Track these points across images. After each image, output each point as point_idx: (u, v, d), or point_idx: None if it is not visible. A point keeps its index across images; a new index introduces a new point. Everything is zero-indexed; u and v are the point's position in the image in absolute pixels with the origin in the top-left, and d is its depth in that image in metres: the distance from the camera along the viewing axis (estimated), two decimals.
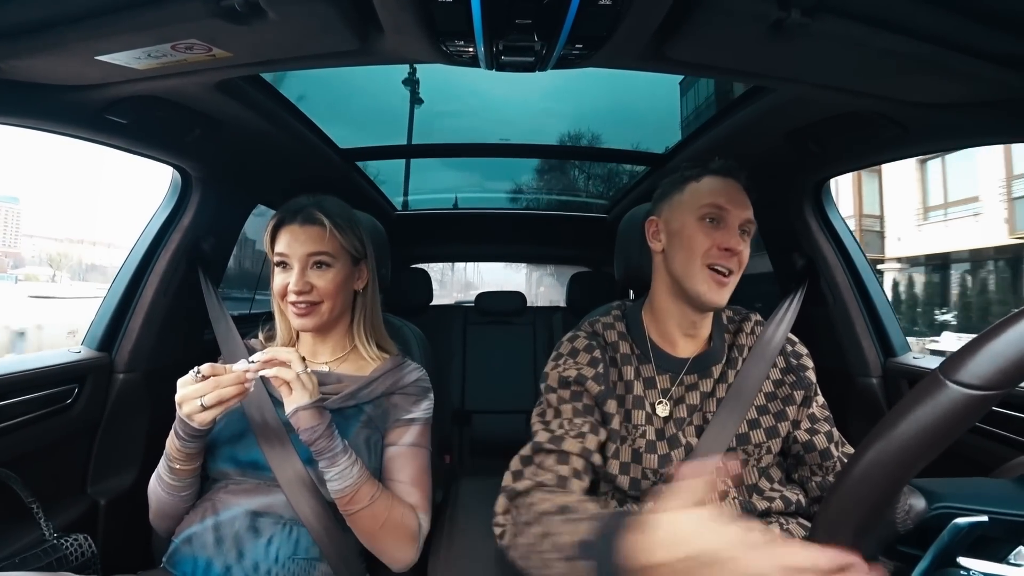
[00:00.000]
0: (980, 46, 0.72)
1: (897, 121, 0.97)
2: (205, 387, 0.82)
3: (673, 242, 0.94)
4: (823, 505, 0.47)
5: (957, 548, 0.46)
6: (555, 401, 0.93)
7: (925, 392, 0.41)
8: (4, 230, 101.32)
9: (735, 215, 0.91)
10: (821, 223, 1.42)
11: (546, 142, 2.09)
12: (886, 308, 1.40)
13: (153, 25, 0.69)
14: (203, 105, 1.03)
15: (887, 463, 0.42)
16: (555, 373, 0.95)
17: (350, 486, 0.87)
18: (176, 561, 0.90)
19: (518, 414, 2.53)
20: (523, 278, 10.41)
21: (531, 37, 0.73)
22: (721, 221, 0.91)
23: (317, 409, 0.86)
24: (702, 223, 0.91)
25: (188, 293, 1.32)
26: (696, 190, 0.94)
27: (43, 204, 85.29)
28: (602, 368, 0.94)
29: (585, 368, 0.93)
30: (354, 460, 0.89)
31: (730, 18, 0.68)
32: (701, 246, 0.90)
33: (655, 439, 0.92)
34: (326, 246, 0.99)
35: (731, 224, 0.91)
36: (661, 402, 0.95)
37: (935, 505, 0.49)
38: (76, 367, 1.18)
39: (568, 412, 0.91)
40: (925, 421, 0.41)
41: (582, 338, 0.99)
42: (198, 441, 0.88)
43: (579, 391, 0.93)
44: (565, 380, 0.94)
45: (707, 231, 0.91)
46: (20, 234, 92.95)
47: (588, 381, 0.92)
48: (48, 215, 78.91)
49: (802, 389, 0.97)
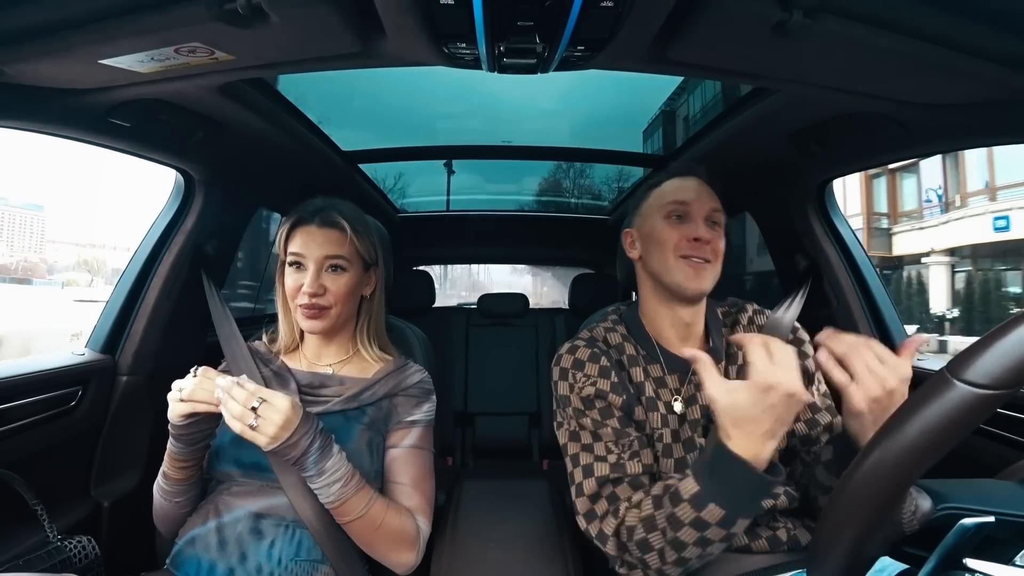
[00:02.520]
0: (983, 46, 0.71)
1: (900, 122, 0.97)
2: (189, 382, 0.84)
3: (647, 246, 0.98)
4: (828, 505, 0.47)
5: (963, 549, 0.46)
6: (590, 424, 0.90)
7: (932, 391, 0.41)
8: (31, 236, 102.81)
9: (698, 207, 0.95)
10: (824, 224, 1.42)
11: (548, 144, 2.09)
12: (890, 310, 1.39)
13: (156, 29, 0.69)
14: (206, 108, 1.03)
15: (893, 463, 0.42)
16: (574, 396, 0.93)
17: (330, 502, 0.87)
18: (180, 563, 0.90)
19: (520, 416, 2.54)
20: (530, 278, 10.48)
21: (533, 39, 0.73)
22: (685, 216, 0.95)
23: (287, 446, 0.83)
24: (669, 220, 0.96)
25: (191, 295, 1.32)
26: (660, 193, 0.99)
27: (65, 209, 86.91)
28: (615, 376, 0.93)
29: (600, 381, 0.92)
30: (333, 480, 0.86)
31: (732, 19, 0.68)
32: (671, 240, 0.94)
33: (671, 441, 0.92)
34: (343, 250, 0.99)
35: (695, 216, 0.94)
36: (676, 399, 0.95)
37: (941, 506, 0.49)
38: (80, 369, 1.18)
39: (609, 434, 0.89)
40: (932, 420, 0.41)
41: (583, 347, 0.97)
42: (188, 447, 0.89)
43: (606, 406, 0.91)
44: (588, 400, 0.92)
45: (674, 226, 0.95)
46: (45, 240, 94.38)
47: (610, 395, 0.91)
48: (71, 221, 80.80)
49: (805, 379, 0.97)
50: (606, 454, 0.87)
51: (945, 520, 0.47)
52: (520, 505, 1.37)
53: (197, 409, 0.84)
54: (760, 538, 0.88)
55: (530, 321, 2.65)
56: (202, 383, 0.84)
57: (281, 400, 0.82)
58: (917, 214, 12.88)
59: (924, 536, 0.48)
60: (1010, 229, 10.96)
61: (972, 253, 12.12)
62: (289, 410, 0.81)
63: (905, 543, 0.50)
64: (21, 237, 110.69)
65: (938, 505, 0.48)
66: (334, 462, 0.87)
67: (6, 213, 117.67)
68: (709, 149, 1.40)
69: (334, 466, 0.86)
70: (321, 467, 0.85)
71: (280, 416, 0.80)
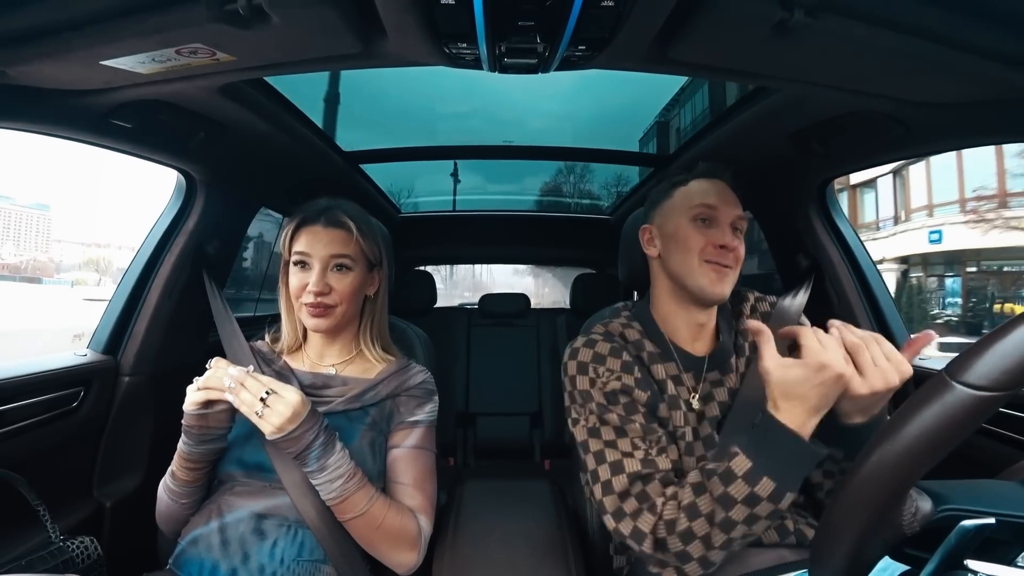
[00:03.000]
0: (984, 45, 0.71)
1: (901, 121, 0.97)
2: (208, 372, 0.86)
3: (669, 245, 0.97)
4: (828, 507, 0.47)
5: (964, 551, 0.45)
6: (616, 420, 0.88)
7: (931, 393, 0.41)
8: (37, 236, 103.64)
9: (725, 213, 0.94)
10: (825, 223, 1.41)
11: (549, 144, 2.09)
12: (891, 309, 1.39)
13: (157, 30, 0.69)
14: (207, 109, 1.03)
15: (893, 465, 0.42)
16: (596, 391, 0.91)
17: (331, 498, 0.87)
18: (182, 563, 0.90)
19: (522, 416, 2.55)
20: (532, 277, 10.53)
21: (533, 39, 0.73)
22: (712, 220, 0.94)
23: (290, 439, 0.84)
24: (695, 223, 0.94)
25: (193, 296, 1.32)
26: (686, 193, 0.97)
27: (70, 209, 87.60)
28: (639, 372, 0.93)
29: (625, 376, 0.91)
30: (335, 477, 0.87)
31: (733, 19, 0.68)
32: (697, 244, 0.93)
33: (692, 439, 0.92)
34: (349, 249, 1.00)
35: (723, 222, 0.93)
36: (695, 396, 0.95)
37: (942, 507, 0.48)
38: (82, 370, 1.18)
39: (637, 430, 0.87)
40: (931, 422, 0.41)
41: (601, 341, 0.95)
42: (200, 446, 0.89)
43: (630, 402, 0.90)
44: (613, 395, 0.90)
45: (701, 230, 0.94)
46: (51, 240, 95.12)
47: (635, 391, 0.90)
48: (75, 220, 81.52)
49: None
50: (633, 450, 0.85)
51: (946, 522, 0.47)
52: (522, 505, 1.37)
53: (210, 396, 0.85)
54: (769, 528, 0.88)
55: (531, 321, 2.65)
56: (215, 371, 0.86)
57: (291, 393, 0.85)
58: (874, 226, 14.34)
59: (925, 537, 0.48)
60: (942, 242, 12.91)
61: (922, 261, 13.73)
62: (298, 404, 0.84)
63: (906, 544, 0.50)
64: (28, 237, 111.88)
65: (939, 507, 0.48)
66: (336, 459, 0.87)
67: (13, 213, 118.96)
68: (710, 148, 1.39)
69: (336, 463, 0.87)
70: (323, 463, 0.86)
71: (288, 408, 0.83)
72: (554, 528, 1.26)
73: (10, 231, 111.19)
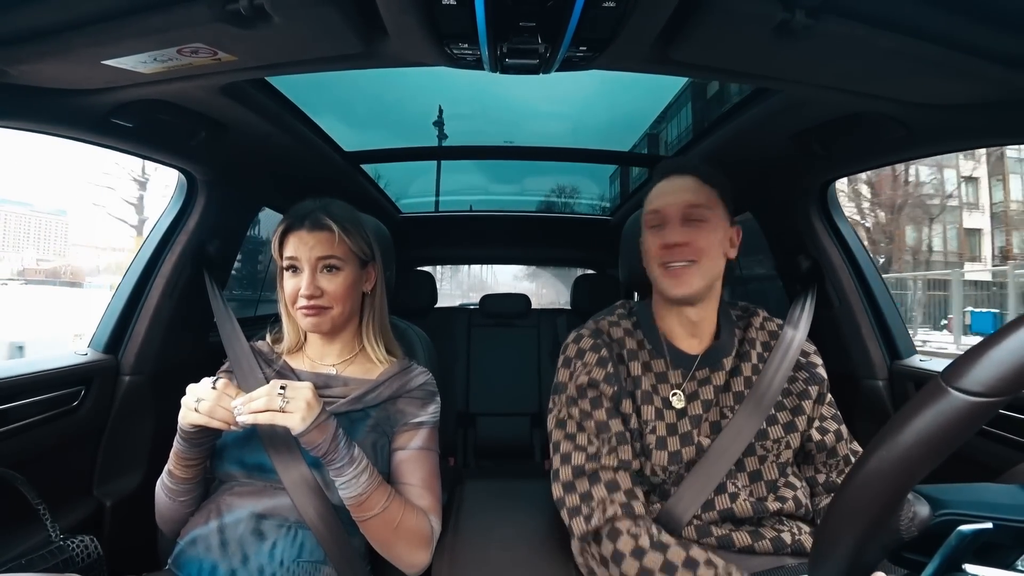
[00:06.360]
0: (986, 46, 0.71)
1: (902, 122, 0.97)
2: (208, 394, 0.84)
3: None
4: (825, 513, 0.47)
5: (963, 555, 0.45)
6: (577, 415, 0.93)
7: (927, 399, 0.41)
8: (55, 241, 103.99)
9: (672, 211, 0.95)
10: (827, 225, 1.41)
11: (550, 144, 2.09)
12: (892, 310, 1.39)
13: (159, 30, 0.70)
14: (208, 109, 1.03)
15: (889, 471, 0.42)
16: (571, 384, 0.96)
17: (358, 495, 0.87)
18: (182, 563, 0.90)
19: (522, 416, 2.54)
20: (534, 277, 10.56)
21: (535, 39, 0.73)
22: (661, 224, 0.96)
23: (317, 428, 0.84)
24: (650, 231, 0.98)
25: (194, 295, 1.32)
26: (647, 202, 1.01)
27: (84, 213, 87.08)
28: (611, 367, 0.95)
29: (595, 370, 0.95)
30: (362, 470, 0.87)
31: (734, 20, 0.68)
32: (651, 250, 0.97)
33: (666, 435, 0.93)
34: (335, 250, 1.00)
35: (670, 221, 0.95)
36: (676, 394, 0.95)
37: (940, 512, 0.48)
38: (83, 369, 1.18)
39: (592, 427, 0.91)
40: (927, 428, 0.40)
41: (587, 337, 1.00)
42: (195, 448, 0.89)
43: (596, 396, 0.93)
44: (582, 388, 0.94)
45: (654, 235, 0.97)
46: (69, 244, 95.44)
47: (601, 384, 0.93)
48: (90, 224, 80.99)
49: (816, 384, 0.99)
50: (586, 445, 0.90)
51: (944, 526, 0.46)
52: (522, 505, 1.37)
53: (211, 425, 0.84)
54: (764, 539, 0.88)
55: (532, 321, 2.65)
56: (220, 400, 0.84)
57: (302, 383, 0.85)
58: None
59: (923, 541, 0.48)
60: None
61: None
62: (310, 388, 0.85)
63: (904, 549, 0.49)
64: (47, 242, 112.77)
65: (936, 511, 0.48)
66: (359, 451, 0.88)
67: (34, 218, 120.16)
68: (712, 149, 1.39)
69: (360, 455, 0.88)
70: (352, 453, 0.87)
71: (308, 390, 0.84)
72: (554, 528, 1.26)
73: (31, 236, 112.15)
